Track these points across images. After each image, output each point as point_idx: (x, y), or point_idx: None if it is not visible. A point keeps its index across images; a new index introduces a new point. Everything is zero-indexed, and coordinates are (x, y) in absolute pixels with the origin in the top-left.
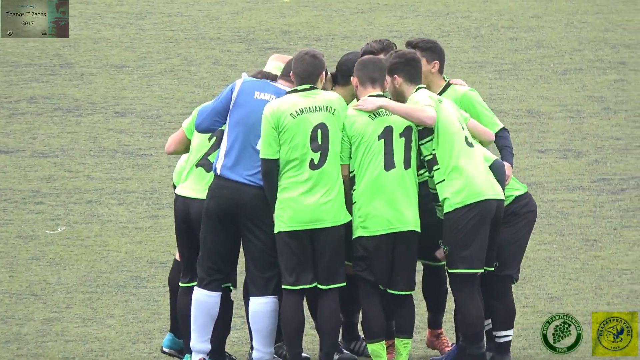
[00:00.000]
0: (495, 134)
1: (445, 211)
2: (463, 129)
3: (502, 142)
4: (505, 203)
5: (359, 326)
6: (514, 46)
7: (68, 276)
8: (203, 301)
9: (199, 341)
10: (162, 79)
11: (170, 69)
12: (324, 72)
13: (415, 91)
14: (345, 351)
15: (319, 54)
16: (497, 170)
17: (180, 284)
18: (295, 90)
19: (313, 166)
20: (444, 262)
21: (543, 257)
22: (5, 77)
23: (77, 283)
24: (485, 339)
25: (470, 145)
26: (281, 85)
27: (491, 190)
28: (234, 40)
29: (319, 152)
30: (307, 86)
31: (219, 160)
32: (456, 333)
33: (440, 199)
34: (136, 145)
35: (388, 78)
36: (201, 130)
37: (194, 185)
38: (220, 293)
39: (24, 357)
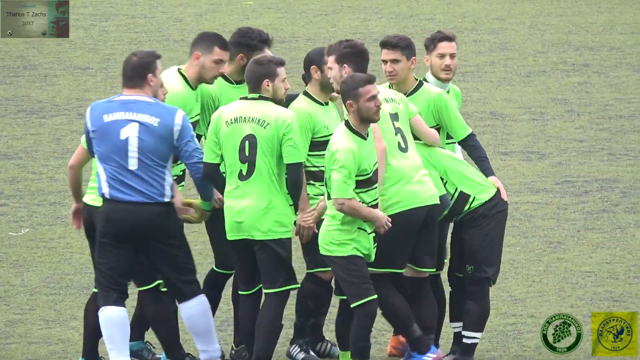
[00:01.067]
0: (465, 140)
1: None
2: (397, 134)
3: (476, 154)
4: (474, 206)
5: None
6: (478, 48)
7: (31, 278)
8: (117, 316)
9: (122, 356)
10: None
11: None
12: (267, 80)
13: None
14: (311, 352)
15: (261, 60)
16: (443, 203)
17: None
18: (246, 98)
19: (241, 177)
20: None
21: (506, 259)
22: None
23: (40, 285)
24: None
25: (403, 150)
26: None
27: (417, 198)
28: None
29: (246, 164)
30: (255, 95)
31: (102, 184)
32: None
33: None
34: None
35: (335, 65)
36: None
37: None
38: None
39: None
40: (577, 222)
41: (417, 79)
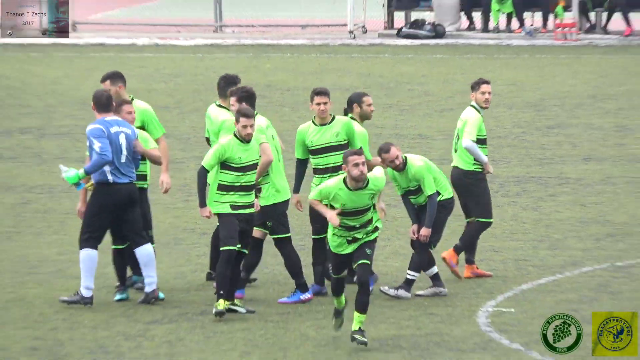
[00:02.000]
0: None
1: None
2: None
3: None
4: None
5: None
6: (410, 94)
7: None
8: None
9: (90, 283)
10: None
11: None
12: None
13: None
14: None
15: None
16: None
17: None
18: None
19: None
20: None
21: None
22: None
23: None
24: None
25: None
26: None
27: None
28: None
29: None
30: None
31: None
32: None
33: None
34: None
35: (236, 103)
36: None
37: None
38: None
39: None
40: None
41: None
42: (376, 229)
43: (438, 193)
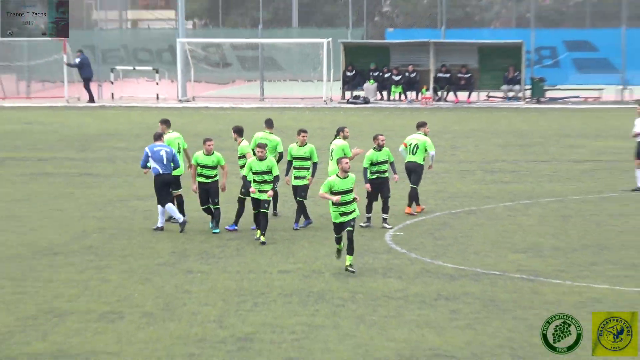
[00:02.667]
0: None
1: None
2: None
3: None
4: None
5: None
6: None
7: None
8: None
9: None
10: None
11: None
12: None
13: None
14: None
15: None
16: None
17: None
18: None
19: None
20: None
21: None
22: None
23: None
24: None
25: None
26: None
27: None
28: None
29: None
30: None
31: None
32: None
33: None
34: None
35: (234, 134)
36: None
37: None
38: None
39: None
40: None
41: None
42: (354, 211)
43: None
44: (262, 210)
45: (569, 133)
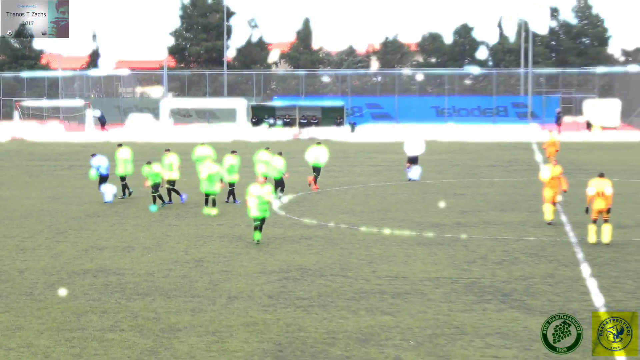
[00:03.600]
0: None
1: None
2: None
3: None
4: None
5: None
6: None
7: None
8: None
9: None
10: None
11: None
12: None
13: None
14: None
15: None
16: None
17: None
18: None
19: None
20: None
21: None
22: None
23: None
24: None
25: None
26: None
27: None
28: None
29: None
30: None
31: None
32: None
33: None
34: None
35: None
36: None
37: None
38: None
39: None
40: None
41: None
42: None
43: None
44: None
45: (372, 150)
